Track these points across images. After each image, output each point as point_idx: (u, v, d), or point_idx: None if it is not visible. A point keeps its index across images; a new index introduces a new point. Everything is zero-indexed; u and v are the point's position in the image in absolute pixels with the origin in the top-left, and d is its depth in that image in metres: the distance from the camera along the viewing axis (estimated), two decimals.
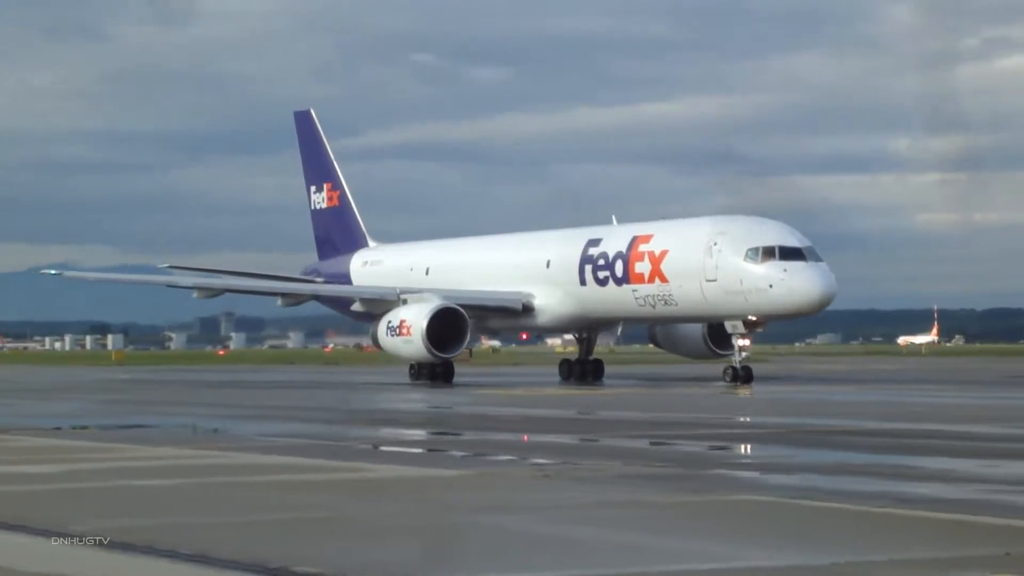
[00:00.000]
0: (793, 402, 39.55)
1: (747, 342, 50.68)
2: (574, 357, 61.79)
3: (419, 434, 27.38)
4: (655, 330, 59.57)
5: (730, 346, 54.68)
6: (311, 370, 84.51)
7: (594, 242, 55.32)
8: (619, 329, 59.68)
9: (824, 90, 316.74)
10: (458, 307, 53.95)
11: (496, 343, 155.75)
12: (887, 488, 16.75)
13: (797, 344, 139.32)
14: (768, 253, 48.74)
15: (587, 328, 59.33)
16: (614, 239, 54.66)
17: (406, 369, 58.26)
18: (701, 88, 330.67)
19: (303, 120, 72.42)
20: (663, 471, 18.89)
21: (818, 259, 48.82)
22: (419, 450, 22.97)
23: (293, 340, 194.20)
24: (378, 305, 57.72)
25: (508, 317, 57.71)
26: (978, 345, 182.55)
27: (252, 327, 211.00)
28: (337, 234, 70.70)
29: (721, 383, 50.02)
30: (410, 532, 13.27)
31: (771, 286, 48.24)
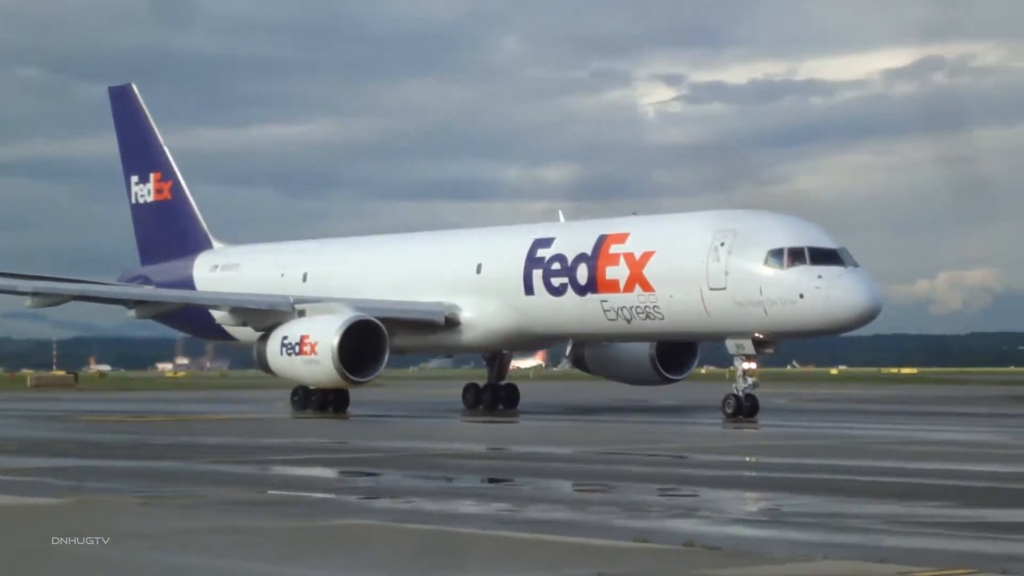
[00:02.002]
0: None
1: (753, 365, 40.89)
2: (483, 382, 51.82)
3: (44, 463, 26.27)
4: (582, 350, 50.07)
5: (681, 370, 48.59)
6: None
7: (543, 242, 45.68)
8: (568, 349, 50.13)
9: (437, 116, 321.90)
10: (376, 320, 44.11)
11: (106, 367, 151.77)
12: (491, 511, 17.02)
13: (411, 368, 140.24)
14: (795, 256, 39.39)
15: (526, 347, 50.87)
16: (572, 238, 45.15)
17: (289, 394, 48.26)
18: (315, 111, 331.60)
19: (121, 97, 60.00)
20: (273, 497, 18.72)
21: (855, 263, 39.69)
22: (23, 479, 22.11)
23: None
24: (263, 318, 46.74)
25: (424, 333, 47.41)
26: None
27: None
28: (169, 234, 58.29)
29: (719, 415, 41.02)
30: None
31: (801, 296, 38.91)
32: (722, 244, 40.34)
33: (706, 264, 40.48)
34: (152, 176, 59.31)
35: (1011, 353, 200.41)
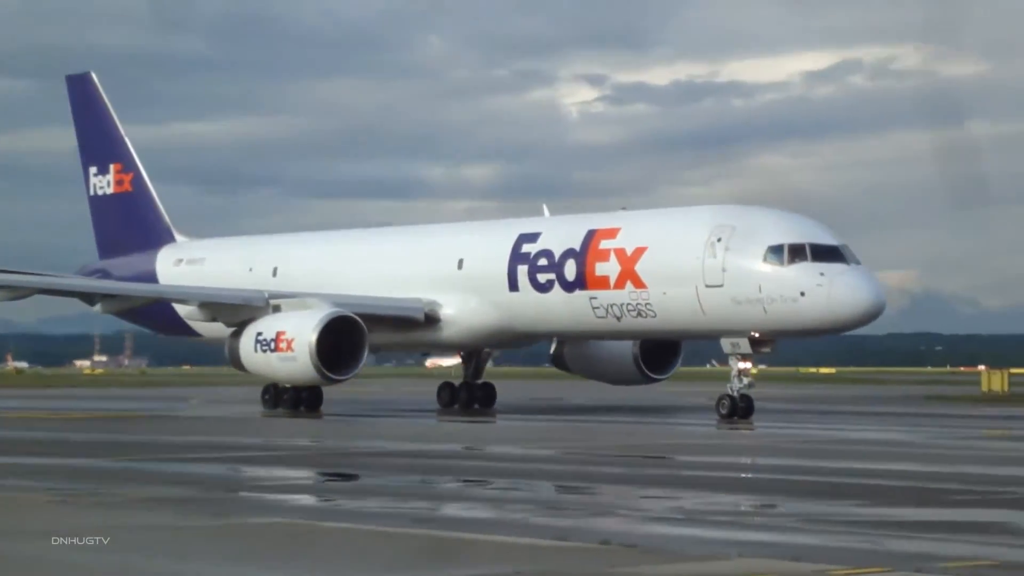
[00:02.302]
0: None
1: (749, 365, 39.85)
2: (458, 380, 50.79)
3: None
4: (563, 348, 48.80)
5: (665, 369, 47.73)
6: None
7: (529, 237, 44.35)
8: (552, 347, 48.50)
9: (360, 115, 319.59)
10: (356, 316, 42.72)
11: (24, 364, 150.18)
12: (408, 509, 16.96)
13: None
14: (796, 252, 38.42)
15: (509, 345, 49.07)
16: (559, 233, 43.83)
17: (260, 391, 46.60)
18: (237, 109, 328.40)
19: (79, 86, 57.98)
20: (188, 494, 18.56)
21: (856, 260, 38.83)
22: None
23: None
24: (236, 313, 45.27)
25: (403, 330, 46.04)
26: (505, 368, 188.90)
27: None
28: (130, 226, 56.10)
29: (707, 416, 40.05)
30: None
31: (803, 294, 37.95)
32: (719, 240, 39.25)
33: (702, 261, 39.38)
34: (112, 167, 57.29)
35: (928, 353, 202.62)
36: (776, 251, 38.47)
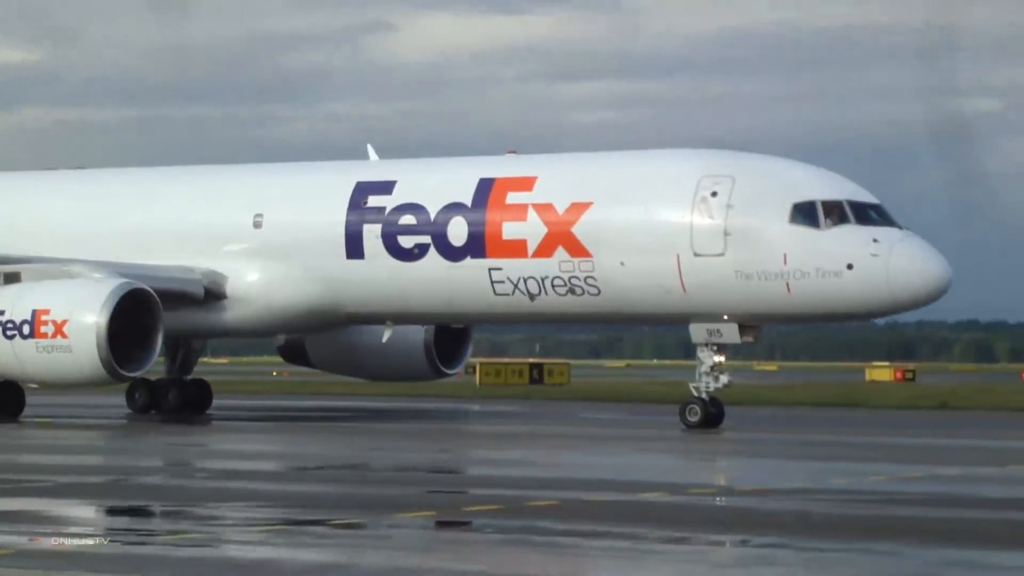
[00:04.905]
0: None
1: (723, 359, 30.89)
2: (157, 377, 37.62)
3: None
4: (301, 338, 37.39)
5: (454, 360, 37.72)
6: None
7: (377, 187, 33.67)
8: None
9: None
10: (151, 290, 31.76)
11: None
12: None
13: None
14: (832, 211, 29.73)
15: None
16: (431, 182, 33.58)
17: None
18: None
19: None
20: None
21: (903, 224, 30.35)
22: None
23: None
24: None
25: (173, 309, 32.93)
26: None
27: None
28: None
29: (677, 423, 31.15)
30: None
31: (850, 267, 29.29)
32: (714, 194, 30.23)
33: (691, 222, 30.31)
34: None
35: None
36: (806, 210, 29.86)
